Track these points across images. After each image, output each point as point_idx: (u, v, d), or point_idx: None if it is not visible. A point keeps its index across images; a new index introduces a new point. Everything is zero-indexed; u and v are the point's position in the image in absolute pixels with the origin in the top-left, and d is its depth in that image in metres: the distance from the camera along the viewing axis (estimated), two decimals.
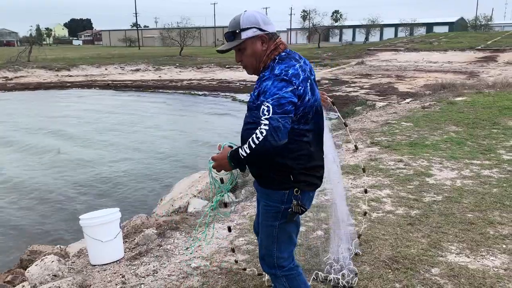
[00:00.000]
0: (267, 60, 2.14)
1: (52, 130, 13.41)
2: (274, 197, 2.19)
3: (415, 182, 5.03)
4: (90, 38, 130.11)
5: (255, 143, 1.93)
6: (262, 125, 1.93)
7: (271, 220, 2.23)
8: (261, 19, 2.11)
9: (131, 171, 9.16)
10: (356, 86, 20.91)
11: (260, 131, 1.93)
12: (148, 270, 3.34)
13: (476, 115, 8.75)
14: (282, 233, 2.25)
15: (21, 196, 7.73)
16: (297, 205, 2.15)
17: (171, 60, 37.88)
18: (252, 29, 2.09)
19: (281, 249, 2.26)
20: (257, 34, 2.10)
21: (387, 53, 37.38)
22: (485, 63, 27.91)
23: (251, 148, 1.95)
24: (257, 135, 1.93)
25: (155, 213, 5.83)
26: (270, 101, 1.95)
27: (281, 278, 2.30)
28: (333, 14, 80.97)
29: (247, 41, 2.10)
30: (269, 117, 1.93)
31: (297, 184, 2.15)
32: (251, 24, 2.09)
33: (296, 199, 2.15)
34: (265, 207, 2.25)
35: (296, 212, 2.16)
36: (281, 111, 1.93)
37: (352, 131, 8.11)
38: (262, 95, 2.01)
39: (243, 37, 2.10)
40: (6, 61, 32.79)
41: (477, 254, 3.34)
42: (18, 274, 4.22)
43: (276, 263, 2.27)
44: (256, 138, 1.93)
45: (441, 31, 62.95)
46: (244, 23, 2.09)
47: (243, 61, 2.19)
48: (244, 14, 2.11)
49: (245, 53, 2.14)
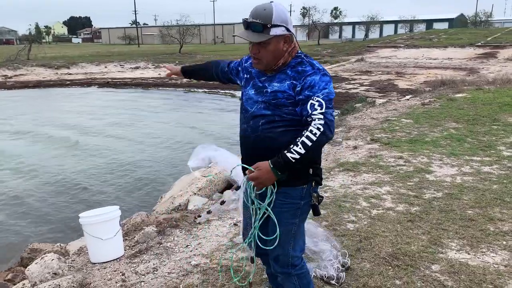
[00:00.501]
0: (288, 57, 2.11)
1: (52, 127, 13.41)
2: (293, 194, 2.15)
3: (415, 178, 5.02)
4: (89, 36, 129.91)
5: (312, 140, 1.92)
6: (316, 120, 1.94)
7: (291, 218, 2.19)
8: (289, 18, 2.07)
9: (131, 168, 9.15)
10: (356, 83, 20.89)
11: (316, 126, 1.92)
12: (148, 268, 3.34)
13: (476, 112, 8.75)
14: (299, 230, 2.24)
15: (21, 195, 7.72)
16: (316, 196, 2.17)
17: (170, 58, 37.84)
18: (281, 27, 2.03)
19: (296, 247, 2.24)
20: (284, 33, 2.05)
21: (387, 49, 37.33)
22: (485, 60, 27.88)
23: (306, 146, 1.92)
24: (313, 131, 1.92)
25: (155, 210, 5.82)
26: (321, 96, 1.97)
27: (293, 277, 2.27)
28: (333, 11, 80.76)
29: (274, 38, 2.03)
30: (324, 112, 1.95)
31: (315, 177, 2.16)
32: (282, 22, 2.03)
33: (315, 191, 2.17)
34: (283, 206, 2.17)
35: (317, 204, 2.17)
36: (331, 106, 1.99)
37: (352, 128, 8.10)
38: (307, 90, 1.99)
39: (271, 33, 2.02)
40: (5, 59, 32.75)
41: (478, 250, 3.34)
42: (18, 272, 4.23)
43: (291, 262, 2.24)
44: (313, 134, 1.92)
45: (441, 28, 62.84)
46: (276, 19, 2.01)
47: (260, 54, 2.08)
48: (275, 8, 2.02)
49: (266, 48, 2.06)
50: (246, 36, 2.06)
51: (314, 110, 1.95)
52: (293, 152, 1.93)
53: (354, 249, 3.37)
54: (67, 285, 3.03)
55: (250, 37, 2.04)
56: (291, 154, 1.93)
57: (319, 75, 2.02)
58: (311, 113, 1.96)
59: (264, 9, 2.01)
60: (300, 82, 2.03)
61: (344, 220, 3.93)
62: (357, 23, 77.02)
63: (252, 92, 2.20)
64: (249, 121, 2.18)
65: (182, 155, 10.22)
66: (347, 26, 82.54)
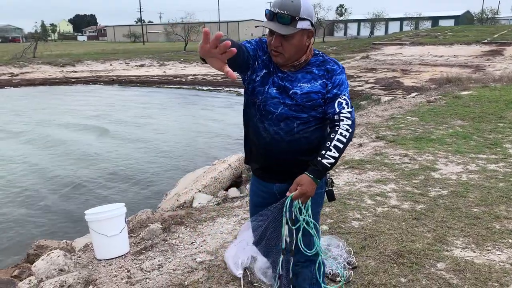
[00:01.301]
0: (309, 54, 2.07)
1: (57, 124, 13.48)
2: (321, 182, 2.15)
3: (421, 176, 5.01)
4: (94, 33, 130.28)
5: (343, 142, 1.98)
6: (345, 120, 2.00)
7: (316, 207, 2.22)
8: (313, 13, 2.01)
9: (136, 166, 9.19)
10: (361, 80, 20.82)
11: (345, 128, 1.99)
12: (153, 264, 3.35)
13: (482, 109, 8.69)
14: (318, 220, 2.30)
15: (27, 192, 7.77)
16: (331, 182, 2.24)
17: (175, 56, 37.89)
18: (307, 21, 1.94)
19: (318, 235, 2.27)
20: (309, 28, 1.97)
21: (392, 47, 37.15)
22: (491, 57, 27.68)
23: (339, 149, 1.97)
24: (343, 133, 1.98)
25: (160, 208, 5.84)
26: (346, 94, 2.04)
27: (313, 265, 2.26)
28: (338, 8, 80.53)
29: (299, 31, 1.94)
30: (350, 111, 2.03)
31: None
32: (309, 16, 1.94)
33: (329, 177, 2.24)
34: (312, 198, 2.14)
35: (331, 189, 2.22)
36: (352, 103, 2.08)
37: (357, 126, 8.08)
38: (336, 88, 2.04)
39: (298, 26, 1.92)
40: (11, 57, 32.95)
41: (483, 248, 3.32)
42: (25, 269, 4.26)
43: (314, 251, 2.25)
44: (343, 137, 1.98)
45: (447, 25, 62.43)
46: (304, 12, 1.91)
47: (282, 47, 1.97)
48: (303, 1, 1.92)
49: (290, 42, 1.95)
50: (273, 27, 1.93)
51: (342, 109, 2.01)
52: (329, 157, 1.96)
53: (359, 246, 3.37)
54: (73, 281, 3.05)
55: (277, 28, 1.92)
56: (327, 160, 1.96)
57: (344, 74, 2.10)
58: (339, 111, 2.01)
59: (292, 1, 1.91)
60: (331, 81, 2.05)
61: (349, 218, 3.92)
62: (362, 21, 76.71)
63: (274, 91, 2.07)
64: (279, 123, 2.07)
65: (187, 152, 10.25)
66: (353, 23, 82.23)
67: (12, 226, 6.38)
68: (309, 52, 2.06)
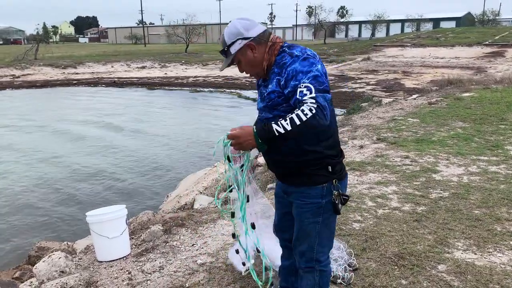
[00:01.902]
0: (270, 58, 2.09)
1: (57, 128, 13.49)
2: (313, 193, 2.12)
3: (422, 178, 5.00)
4: (96, 35, 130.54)
5: (301, 120, 1.81)
6: (309, 102, 1.83)
7: (313, 217, 2.16)
8: (243, 27, 2.06)
9: (138, 167, 9.20)
10: (362, 82, 20.83)
11: (308, 107, 1.82)
12: (154, 266, 3.35)
13: (484, 111, 8.69)
14: (325, 228, 2.20)
15: (29, 193, 7.79)
16: (339, 195, 2.12)
17: (176, 57, 37.97)
18: (237, 41, 2.05)
19: (323, 243, 2.23)
20: (243, 44, 2.06)
21: (394, 49, 37.17)
22: (492, 59, 27.69)
23: (293, 124, 1.81)
24: (305, 111, 1.82)
25: (161, 209, 5.85)
26: (307, 81, 1.88)
27: (316, 272, 2.26)
28: (339, 10, 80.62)
29: (237, 54, 2.08)
30: (314, 96, 1.84)
31: (334, 175, 2.12)
32: (235, 36, 2.05)
33: (336, 189, 2.12)
34: (304, 206, 2.16)
35: (339, 202, 2.12)
36: (322, 89, 1.88)
37: (359, 128, 8.08)
38: (292, 80, 1.93)
39: (232, 52, 2.08)
40: (13, 59, 33.04)
41: (484, 250, 3.32)
42: (26, 270, 4.27)
43: (316, 256, 2.24)
44: (304, 115, 1.81)
45: (448, 27, 62.44)
46: (229, 38, 2.07)
47: (245, 71, 2.17)
48: (226, 30, 2.09)
49: (241, 64, 2.13)
50: (222, 64, 2.22)
51: (304, 96, 1.86)
52: (279, 125, 1.84)
53: (360, 248, 3.37)
54: (74, 283, 3.06)
55: (224, 64, 2.19)
56: (277, 126, 1.84)
57: (298, 61, 1.96)
58: (301, 98, 1.87)
59: (221, 36, 2.12)
60: (283, 75, 1.99)
61: (350, 220, 3.92)
62: (363, 22, 76.78)
63: (259, 100, 2.23)
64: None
65: (188, 154, 10.26)
66: (354, 25, 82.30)
67: (13, 228, 6.39)
68: (268, 57, 2.09)
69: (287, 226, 2.37)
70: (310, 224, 2.19)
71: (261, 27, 2.11)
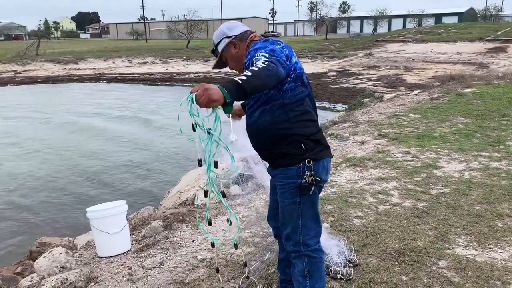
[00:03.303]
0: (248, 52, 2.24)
1: (58, 121, 13.50)
2: (289, 173, 2.19)
3: (423, 174, 4.99)
4: (97, 31, 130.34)
5: (258, 67, 1.85)
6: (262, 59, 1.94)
7: (292, 196, 2.22)
8: (227, 27, 2.32)
9: (138, 163, 9.20)
10: (363, 78, 20.78)
11: (262, 60, 1.92)
12: (154, 262, 3.36)
13: (485, 107, 8.66)
14: (307, 208, 2.24)
15: (30, 189, 7.80)
16: (310, 175, 2.15)
17: (178, 53, 37.91)
18: (222, 40, 2.31)
19: (307, 225, 2.26)
20: (227, 42, 2.30)
21: (395, 44, 37.03)
22: (495, 54, 27.57)
23: (253, 71, 1.82)
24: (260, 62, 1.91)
25: (162, 205, 5.85)
26: (264, 52, 2.03)
27: (303, 256, 2.27)
28: (341, 5, 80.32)
29: (223, 52, 2.33)
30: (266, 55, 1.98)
31: (309, 153, 2.16)
32: (220, 36, 2.32)
33: (309, 170, 2.15)
34: (283, 186, 2.24)
35: (310, 183, 2.15)
36: (276, 57, 1.99)
37: (360, 123, 8.07)
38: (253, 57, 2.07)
39: (220, 50, 2.34)
40: (14, 54, 33.06)
41: (485, 246, 3.31)
42: (27, 266, 4.27)
43: (302, 240, 2.26)
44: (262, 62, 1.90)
45: (450, 22, 62.18)
46: (216, 39, 2.34)
47: (233, 68, 2.38)
48: (215, 33, 2.36)
49: (229, 62, 2.37)
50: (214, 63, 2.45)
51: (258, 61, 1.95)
52: (242, 75, 1.81)
53: (361, 244, 3.36)
54: (75, 278, 3.06)
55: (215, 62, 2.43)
56: (240, 77, 1.79)
57: (259, 43, 2.18)
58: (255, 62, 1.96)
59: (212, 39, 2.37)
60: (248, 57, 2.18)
61: (351, 216, 3.92)
62: (365, 18, 76.48)
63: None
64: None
65: (189, 149, 10.25)
66: (355, 20, 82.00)
67: (14, 223, 6.41)
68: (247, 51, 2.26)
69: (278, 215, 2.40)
70: (290, 205, 2.24)
71: (243, 27, 2.34)
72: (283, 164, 2.21)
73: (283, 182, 2.24)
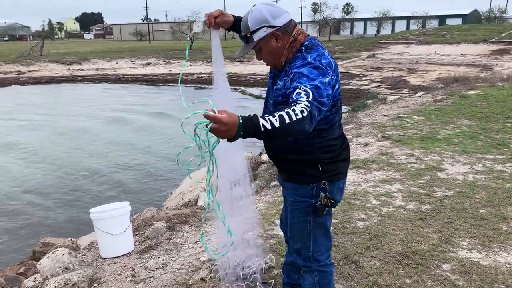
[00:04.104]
0: (288, 54, 2.02)
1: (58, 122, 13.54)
2: (302, 192, 2.10)
3: (427, 176, 4.97)
4: (101, 32, 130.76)
5: (291, 119, 1.65)
6: (303, 104, 1.69)
7: (303, 215, 2.15)
8: (269, 13, 1.96)
9: (142, 164, 9.21)
10: (367, 79, 20.74)
11: (300, 109, 1.67)
12: (157, 263, 3.35)
13: (490, 109, 8.62)
14: (317, 226, 2.17)
15: (34, 189, 7.82)
16: (326, 197, 2.07)
17: (181, 54, 37.94)
18: (262, 28, 1.97)
19: (318, 242, 2.21)
20: (268, 32, 1.98)
21: (399, 46, 36.95)
22: (499, 56, 27.46)
23: (283, 122, 1.63)
24: (296, 111, 1.67)
25: (165, 206, 5.86)
26: (308, 86, 1.78)
27: (314, 272, 2.24)
28: (344, 6, 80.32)
29: (260, 42, 2.01)
30: (310, 101, 1.72)
31: (325, 175, 2.07)
32: (260, 23, 1.97)
33: (324, 191, 2.07)
34: (294, 204, 2.15)
35: (325, 205, 2.08)
36: (319, 101, 1.76)
37: (363, 125, 8.05)
38: (295, 82, 1.84)
39: (255, 39, 2.01)
40: (19, 55, 33.19)
41: (489, 250, 3.29)
42: (30, 266, 4.28)
43: (312, 256, 2.22)
44: (295, 115, 1.66)
45: (454, 24, 61.95)
46: (253, 24, 1.97)
47: (263, 59, 2.11)
48: (251, 14, 1.98)
49: (262, 53, 2.06)
50: (240, 51, 2.13)
51: (299, 98, 1.73)
52: (267, 120, 1.63)
53: (364, 247, 3.35)
54: (78, 279, 3.06)
55: (242, 50, 2.11)
56: (264, 121, 1.63)
57: (307, 67, 1.87)
58: (295, 100, 1.73)
59: (243, 21, 2.02)
60: (289, 76, 1.92)
61: (354, 218, 3.91)
62: (368, 19, 76.38)
63: (268, 90, 2.21)
64: None
65: (192, 150, 10.25)
66: (359, 22, 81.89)
67: (18, 223, 6.42)
68: (288, 52, 2.02)
69: None
70: (300, 223, 2.18)
71: (287, 16, 2.01)
72: (297, 181, 2.10)
73: (295, 199, 2.14)
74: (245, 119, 1.65)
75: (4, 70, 27.94)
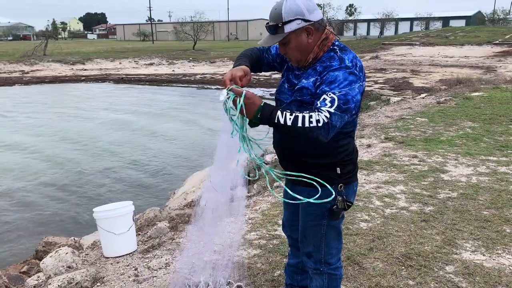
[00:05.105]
0: (319, 51, 1.94)
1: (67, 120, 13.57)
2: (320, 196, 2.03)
3: (430, 178, 4.96)
4: (104, 32, 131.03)
5: (304, 125, 1.71)
6: (323, 113, 1.72)
7: (318, 219, 2.12)
8: (306, 7, 1.87)
9: (145, 164, 9.22)
10: (370, 80, 20.70)
11: (317, 118, 1.71)
12: (160, 263, 3.36)
13: (493, 111, 8.60)
14: (331, 230, 2.16)
15: (37, 188, 7.84)
16: (343, 201, 2.05)
17: (184, 54, 38.00)
18: (296, 20, 1.86)
19: (330, 245, 2.19)
20: (302, 26, 1.87)
21: (402, 47, 36.91)
22: (502, 58, 27.36)
23: (295, 124, 1.71)
24: (312, 119, 1.71)
25: (167, 206, 5.86)
26: (337, 93, 1.76)
27: (324, 274, 2.24)
28: (348, 7, 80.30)
29: (291, 34, 1.89)
30: (332, 112, 1.73)
31: (342, 178, 2.06)
32: (295, 15, 1.86)
33: (341, 195, 2.05)
34: (310, 208, 2.10)
35: (341, 208, 2.05)
36: (345, 109, 1.77)
37: (366, 126, 8.04)
38: (325, 85, 1.81)
39: (286, 30, 1.88)
40: (22, 54, 33.25)
41: (493, 252, 3.28)
42: (33, 265, 4.29)
43: (324, 259, 2.21)
44: (309, 122, 1.71)
45: (458, 25, 61.83)
46: (288, 15, 1.86)
47: (287, 54, 2.00)
48: (285, 4, 1.86)
49: (289, 46, 1.94)
50: (265, 41, 1.98)
51: (324, 105, 1.74)
52: (283, 116, 1.74)
53: (367, 248, 3.35)
54: (81, 278, 3.07)
55: (269, 41, 1.96)
56: (280, 115, 1.74)
57: (343, 71, 1.83)
58: (319, 106, 1.75)
59: (275, 9, 1.91)
60: (322, 77, 1.87)
61: (357, 219, 3.90)
62: (372, 20, 76.37)
63: (286, 86, 2.10)
64: None
65: (195, 150, 10.27)
66: (362, 23, 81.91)
67: (21, 222, 6.44)
68: (318, 49, 1.94)
69: (295, 226, 2.34)
70: (315, 227, 2.16)
71: (320, 13, 1.94)
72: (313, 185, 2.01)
73: (310, 203, 2.06)
74: (266, 105, 1.78)
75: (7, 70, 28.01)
